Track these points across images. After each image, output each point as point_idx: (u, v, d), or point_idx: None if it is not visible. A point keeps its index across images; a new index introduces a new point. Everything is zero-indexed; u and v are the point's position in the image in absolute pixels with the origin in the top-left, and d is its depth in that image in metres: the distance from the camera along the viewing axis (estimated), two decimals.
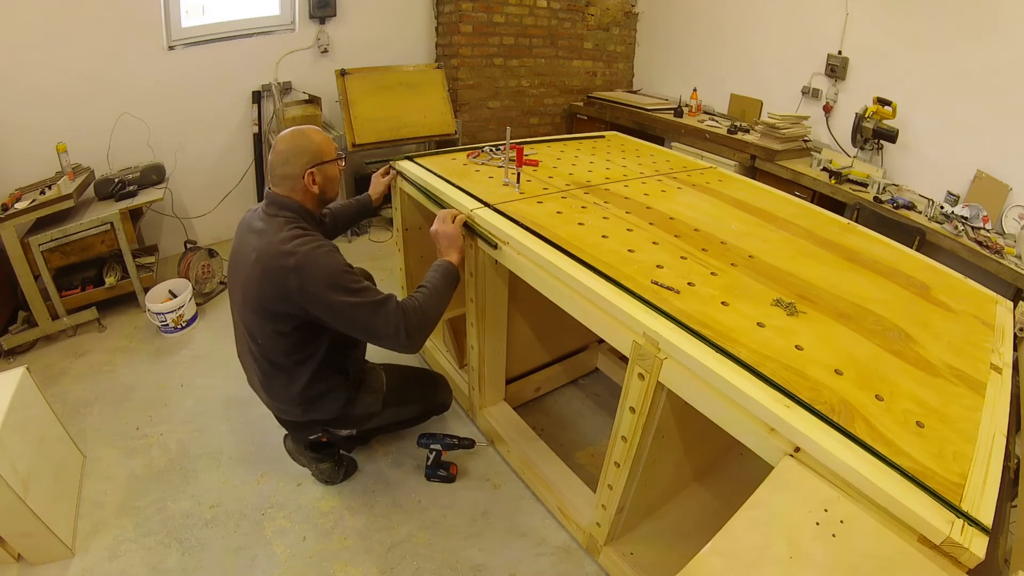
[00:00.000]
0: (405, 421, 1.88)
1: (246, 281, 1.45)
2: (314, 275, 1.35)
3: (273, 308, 1.42)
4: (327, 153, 1.52)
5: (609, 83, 4.78)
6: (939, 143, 3.02)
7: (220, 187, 3.47)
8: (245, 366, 1.70)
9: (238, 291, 1.52)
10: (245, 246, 1.49)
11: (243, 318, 1.54)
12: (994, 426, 1.03)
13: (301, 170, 1.46)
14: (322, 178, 1.50)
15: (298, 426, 1.70)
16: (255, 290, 1.42)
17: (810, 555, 0.83)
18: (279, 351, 1.50)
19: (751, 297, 1.32)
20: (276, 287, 1.38)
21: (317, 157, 1.48)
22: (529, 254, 1.50)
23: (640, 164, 2.34)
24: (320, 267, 1.36)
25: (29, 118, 2.73)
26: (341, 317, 1.40)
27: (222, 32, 3.23)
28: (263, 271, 1.39)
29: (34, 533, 1.50)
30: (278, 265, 1.36)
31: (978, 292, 1.59)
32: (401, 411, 1.81)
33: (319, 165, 1.49)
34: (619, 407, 1.34)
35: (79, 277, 2.67)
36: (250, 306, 1.47)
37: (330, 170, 1.53)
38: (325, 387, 1.60)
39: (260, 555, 1.63)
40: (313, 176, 1.48)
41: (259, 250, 1.40)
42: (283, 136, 1.49)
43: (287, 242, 1.38)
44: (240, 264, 1.50)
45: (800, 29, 3.58)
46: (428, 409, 1.91)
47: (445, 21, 3.92)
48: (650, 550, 1.58)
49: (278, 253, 1.37)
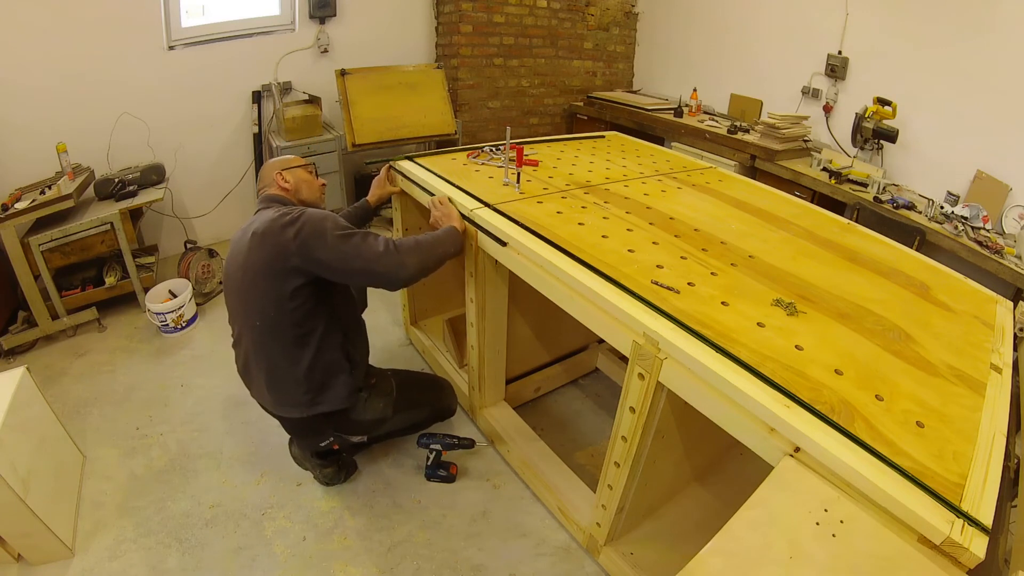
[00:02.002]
0: (413, 426, 1.88)
1: (246, 257, 1.49)
2: (309, 223, 1.44)
3: (274, 266, 1.45)
4: (293, 162, 1.73)
5: (609, 83, 4.78)
6: (939, 143, 3.02)
7: (220, 187, 3.47)
8: (247, 370, 1.67)
9: (238, 272, 1.53)
10: (241, 238, 1.55)
11: (244, 299, 1.53)
12: (994, 426, 1.03)
13: (272, 177, 1.67)
14: (293, 178, 1.68)
15: (306, 428, 1.68)
16: (256, 256, 1.47)
17: (810, 555, 0.83)
18: (281, 326, 1.50)
19: (751, 297, 1.32)
20: (276, 244, 1.44)
21: (283, 164, 1.71)
22: (529, 254, 1.50)
23: (640, 164, 2.34)
24: (314, 217, 1.47)
25: (29, 118, 2.73)
26: (338, 252, 1.44)
27: (222, 32, 3.23)
28: (262, 236, 1.46)
29: (34, 533, 1.50)
30: (277, 225, 1.45)
31: (978, 292, 1.59)
32: (410, 415, 1.82)
33: (287, 169, 1.69)
34: (619, 407, 1.34)
35: (79, 277, 2.67)
36: (250, 276, 1.48)
37: (299, 173, 1.71)
38: (329, 369, 1.58)
39: (260, 555, 1.63)
40: (283, 175, 1.67)
41: (255, 228, 1.49)
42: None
43: (283, 214, 1.48)
44: (237, 252, 1.55)
45: (800, 29, 3.58)
46: (436, 413, 1.91)
47: (445, 21, 3.92)
48: (650, 550, 1.58)
49: (275, 218, 1.46)
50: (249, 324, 1.56)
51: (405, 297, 2.52)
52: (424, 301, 2.55)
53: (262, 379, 1.59)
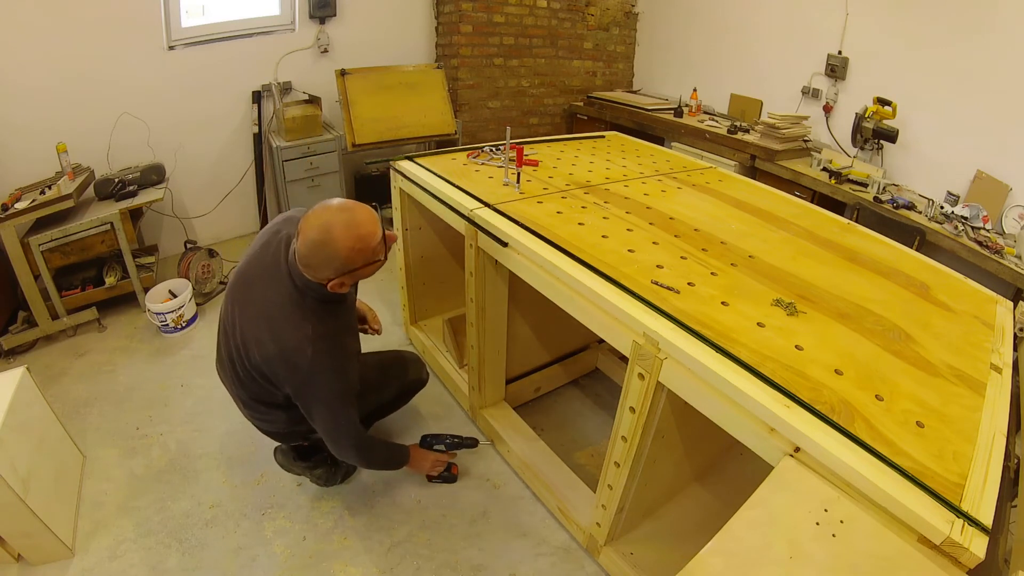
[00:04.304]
0: (386, 405, 1.84)
1: (252, 333, 1.39)
2: (311, 393, 1.39)
3: (266, 377, 1.43)
4: (356, 262, 1.30)
5: (609, 83, 4.78)
6: (939, 143, 3.02)
7: (220, 187, 3.47)
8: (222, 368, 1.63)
9: (238, 310, 1.45)
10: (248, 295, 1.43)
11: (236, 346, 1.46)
12: (994, 426, 1.03)
13: (326, 279, 1.32)
14: (351, 279, 1.35)
15: (282, 435, 1.70)
16: (256, 354, 1.38)
17: (810, 555, 0.83)
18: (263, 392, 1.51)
19: (751, 297, 1.32)
20: (273, 372, 1.39)
21: (345, 269, 1.30)
22: (529, 254, 1.50)
23: (640, 164, 2.34)
24: (323, 392, 1.40)
25: (29, 118, 2.73)
26: (318, 419, 1.45)
27: (222, 32, 3.22)
28: (272, 356, 1.36)
29: (34, 533, 1.50)
30: (288, 362, 1.35)
31: (978, 292, 1.59)
32: (377, 397, 1.76)
33: (349, 273, 1.32)
34: (619, 407, 1.34)
35: (79, 277, 2.67)
36: (245, 358, 1.43)
37: (363, 273, 1.36)
38: None
39: (260, 555, 1.63)
40: (341, 283, 1.33)
41: (273, 332, 1.36)
42: (311, 229, 1.26)
43: (305, 344, 1.33)
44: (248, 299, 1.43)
45: (800, 29, 3.58)
46: (405, 388, 1.88)
47: (445, 21, 3.92)
48: (650, 550, 1.58)
49: (292, 349, 1.34)
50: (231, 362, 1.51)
51: (405, 297, 2.52)
52: (424, 301, 2.55)
53: (233, 391, 1.62)
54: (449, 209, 1.85)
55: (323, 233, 1.26)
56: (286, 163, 3.23)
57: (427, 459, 1.82)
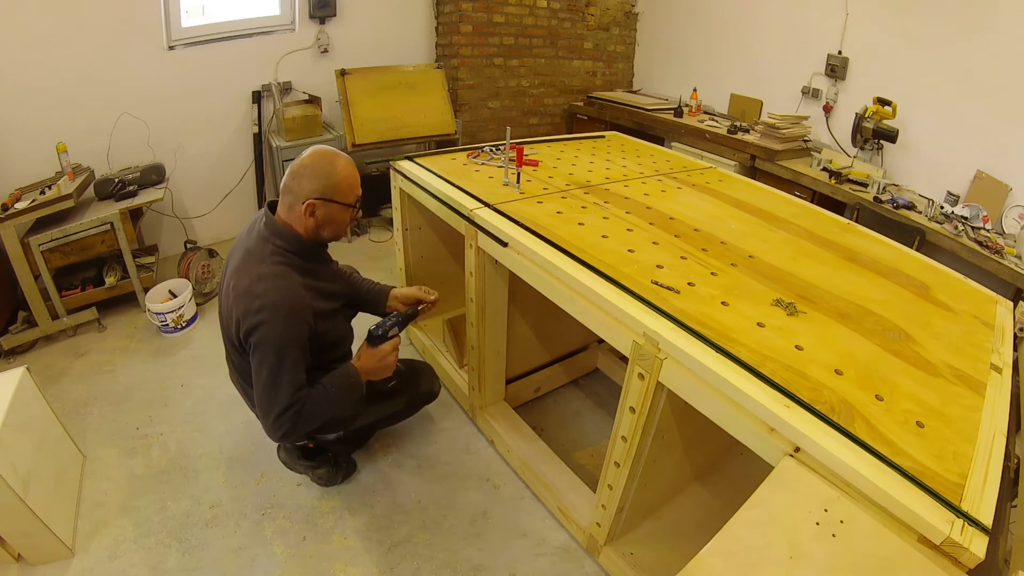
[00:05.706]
0: (394, 415, 1.85)
1: (230, 285, 1.44)
2: (264, 332, 1.34)
3: (230, 329, 1.44)
4: (342, 193, 1.41)
5: (609, 83, 4.78)
6: (939, 143, 3.02)
7: (220, 187, 3.47)
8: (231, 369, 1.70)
9: (228, 275, 1.50)
10: (232, 262, 1.48)
11: (225, 312, 1.50)
12: (994, 426, 1.03)
13: (305, 194, 1.38)
14: (323, 214, 1.41)
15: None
16: (233, 308, 1.41)
17: (810, 555, 0.83)
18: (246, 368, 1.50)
19: (751, 297, 1.32)
20: (232, 317, 1.41)
21: (329, 191, 1.39)
22: (529, 254, 1.50)
23: (640, 164, 2.34)
24: (272, 333, 1.34)
25: (29, 118, 2.73)
26: (256, 372, 1.38)
27: (222, 32, 3.23)
28: (234, 299, 1.39)
29: (34, 533, 1.50)
30: (243, 306, 1.36)
31: (978, 292, 1.59)
32: (386, 406, 1.77)
33: (326, 200, 1.39)
34: (619, 407, 1.34)
35: (79, 277, 2.67)
36: (229, 320, 1.45)
37: (336, 212, 1.42)
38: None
39: (260, 555, 1.63)
40: (313, 207, 1.39)
41: (236, 282, 1.39)
42: (316, 150, 1.41)
43: (253, 297, 1.34)
44: (225, 280, 1.49)
45: (800, 29, 3.58)
46: (415, 400, 1.88)
47: (445, 21, 3.92)
48: (650, 550, 1.58)
49: (248, 288, 1.36)
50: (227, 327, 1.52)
51: None
52: None
53: (235, 377, 1.66)
54: (449, 209, 1.85)
55: (324, 155, 1.40)
56: (286, 163, 3.22)
57: (378, 360, 1.55)
